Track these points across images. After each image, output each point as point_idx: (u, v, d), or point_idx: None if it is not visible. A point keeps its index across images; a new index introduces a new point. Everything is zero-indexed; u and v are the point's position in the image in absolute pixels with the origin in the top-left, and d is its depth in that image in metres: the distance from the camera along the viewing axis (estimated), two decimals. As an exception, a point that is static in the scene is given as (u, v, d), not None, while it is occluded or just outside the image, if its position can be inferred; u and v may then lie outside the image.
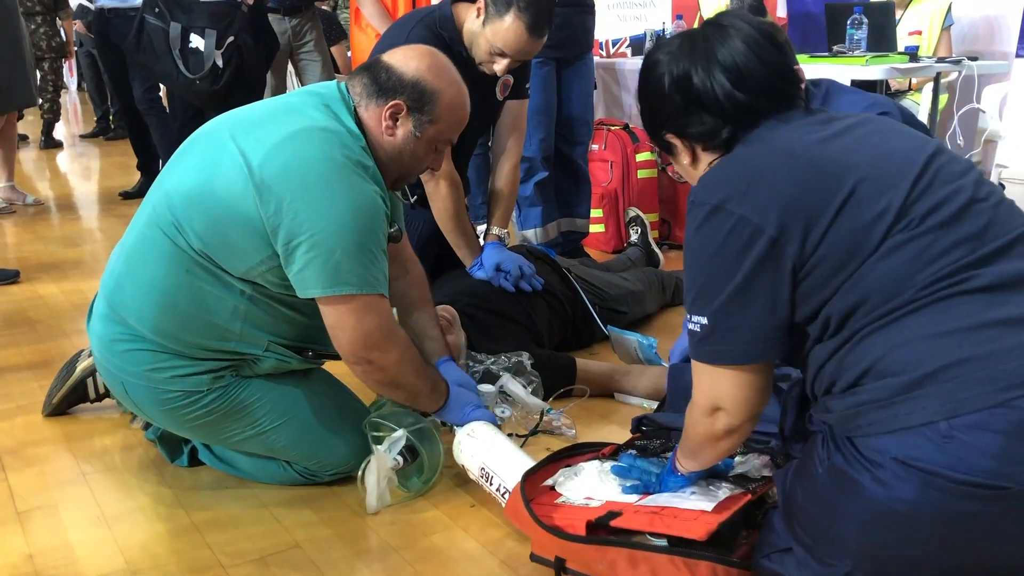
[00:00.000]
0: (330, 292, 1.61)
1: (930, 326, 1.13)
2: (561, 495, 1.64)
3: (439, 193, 2.58)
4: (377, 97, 1.73)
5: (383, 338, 1.68)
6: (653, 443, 1.73)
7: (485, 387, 2.02)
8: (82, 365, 2.19)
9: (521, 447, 1.91)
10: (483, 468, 1.74)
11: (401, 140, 1.74)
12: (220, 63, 3.61)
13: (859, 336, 1.17)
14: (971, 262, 1.15)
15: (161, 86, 4.85)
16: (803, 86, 1.35)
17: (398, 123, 1.73)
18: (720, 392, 1.28)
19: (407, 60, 1.75)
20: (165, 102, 4.89)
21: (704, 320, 1.25)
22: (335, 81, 1.79)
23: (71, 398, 2.20)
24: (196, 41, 3.57)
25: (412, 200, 2.37)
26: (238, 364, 1.76)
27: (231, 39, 3.57)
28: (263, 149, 1.60)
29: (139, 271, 1.71)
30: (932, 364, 1.11)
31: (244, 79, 3.74)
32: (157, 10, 3.60)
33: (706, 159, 1.36)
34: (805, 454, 1.29)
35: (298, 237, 1.58)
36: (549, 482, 1.68)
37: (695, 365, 1.30)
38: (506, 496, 1.67)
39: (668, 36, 1.42)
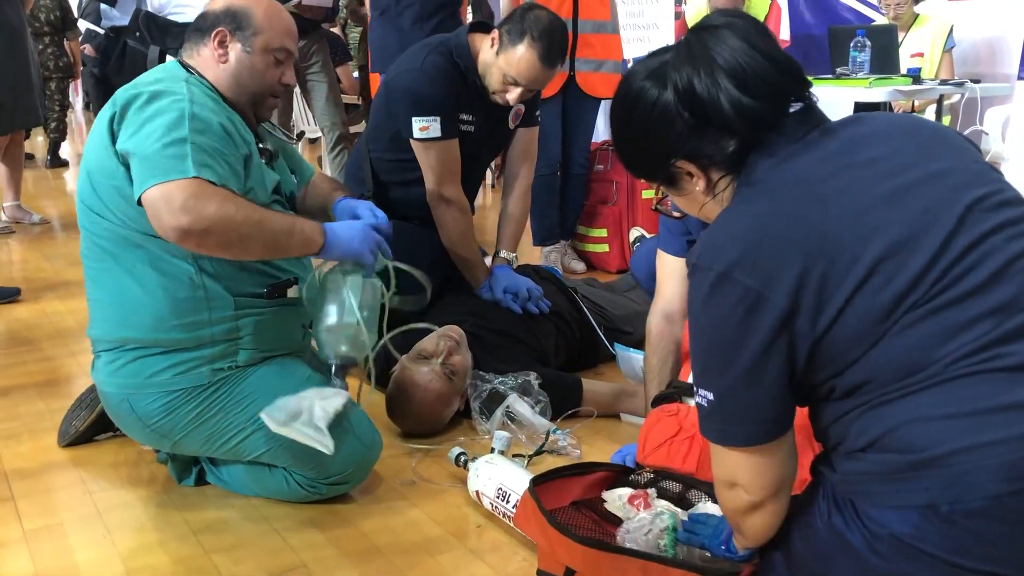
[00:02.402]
0: (141, 191, 1.60)
1: (943, 406, 1.07)
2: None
3: (448, 217, 2.60)
4: (203, 39, 1.86)
5: (188, 197, 1.58)
6: (672, 486, 1.71)
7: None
8: None
9: (526, 467, 1.91)
10: (501, 487, 1.76)
11: (235, 62, 1.85)
12: None
13: (869, 404, 1.12)
14: (994, 340, 1.06)
15: None
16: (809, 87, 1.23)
17: (228, 48, 1.85)
18: (734, 470, 1.20)
19: (216, 1, 1.90)
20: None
21: (711, 396, 1.17)
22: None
23: (96, 427, 2.17)
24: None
25: (295, 137, 2.38)
26: (230, 348, 1.78)
27: None
28: (111, 106, 1.74)
29: (99, 295, 1.81)
30: (941, 447, 1.05)
31: None
32: (138, 34, 3.65)
33: (722, 185, 1.24)
34: (805, 499, 1.25)
35: (127, 154, 1.67)
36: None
37: (710, 444, 1.22)
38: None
39: (633, 63, 1.28)
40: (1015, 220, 1.12)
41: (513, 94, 2.49)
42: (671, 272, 2.02)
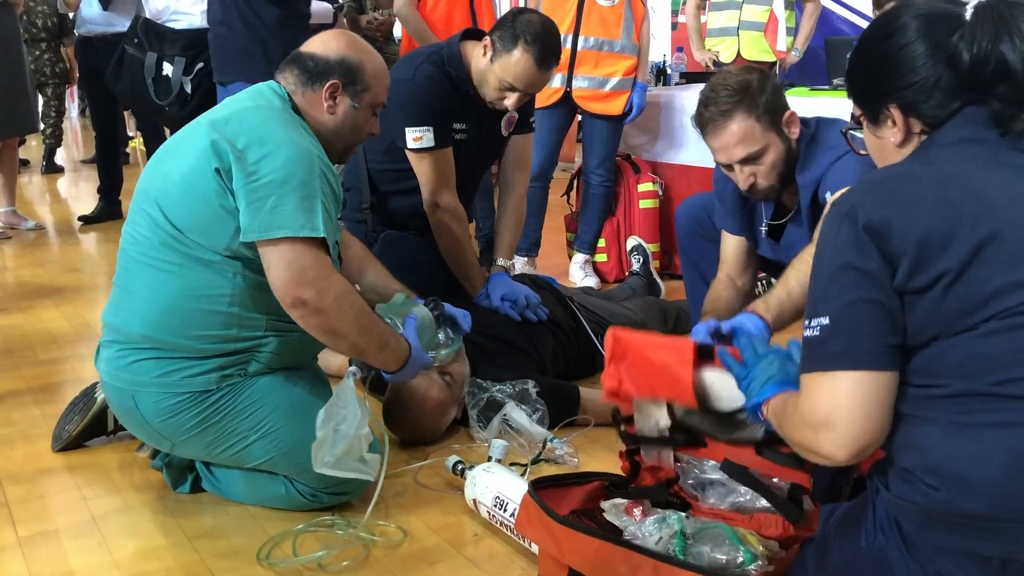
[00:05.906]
0: (265, 236, 1.65)
1: (1005, 440, 1.06)
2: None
3: (444, 225, 2.60)
4: (312, 84, 1.88)
5: (318, 276, 1.66)
6: (673, 500, 1.70)
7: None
8: (101, 396, 2.15)
9: (523, 475, 1.91)
10: (498, 496, 1.75)
11: (342, 115, 1.91)
12: (188, 89, 3.70)
13: (921, 418, 1.12)
14: None
15: None
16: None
17: (337, 100, 1.89)
18: (835, 404, 1.12)
19: (326, 44, 1.91)
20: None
21: (825, 320, 1.14)
22: (264, 83, 1.92)
23: (89, 432, 2.16)
24: (167, 69, 3.68)
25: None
26: (244, 358, 1.78)
27: (200, 65, 3.65)
28: (222, 121, 1.76)
29: (133, 286, 1.79)
30: (989, 505, 1.06)
31: (214, 103, 3.79)
32: (136, 41, 3.68)
33: (915, 141, 1.25)
34: (858, 506, 1.25)
35: (241, 186, 1.67)
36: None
37: (808, 380, 1.17)
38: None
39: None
40: None
41: (511, 100, 2.49)
42: (730, 247, 2.33)
